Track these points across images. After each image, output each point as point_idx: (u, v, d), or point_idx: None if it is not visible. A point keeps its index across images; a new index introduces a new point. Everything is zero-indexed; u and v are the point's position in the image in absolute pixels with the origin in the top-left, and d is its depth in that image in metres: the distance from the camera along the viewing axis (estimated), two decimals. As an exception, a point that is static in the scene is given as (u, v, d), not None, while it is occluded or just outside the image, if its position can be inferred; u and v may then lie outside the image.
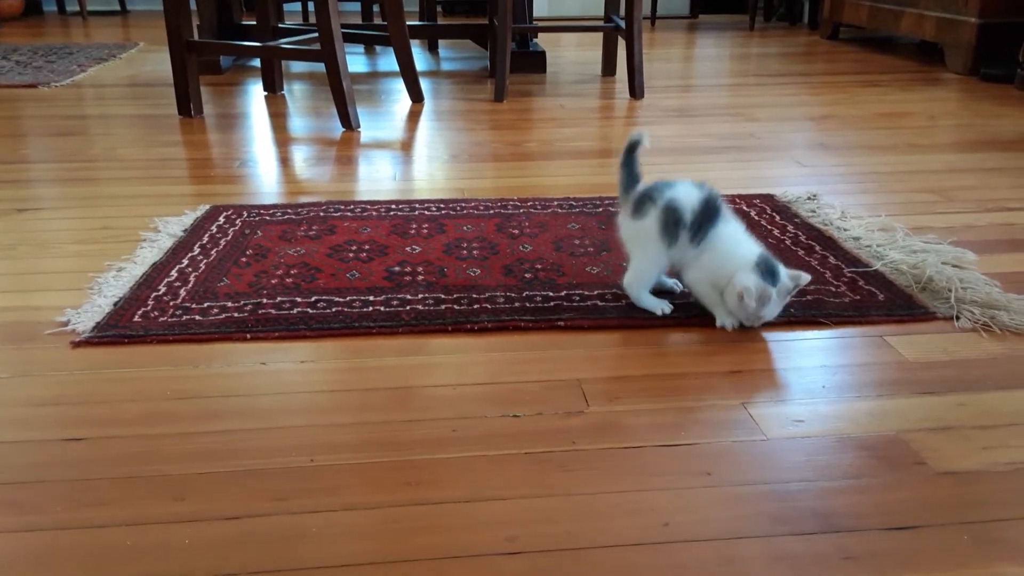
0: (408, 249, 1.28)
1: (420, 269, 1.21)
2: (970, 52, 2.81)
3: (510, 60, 2.60)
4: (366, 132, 2.12)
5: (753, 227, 1.37)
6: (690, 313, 1.07)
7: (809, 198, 1.50)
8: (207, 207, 1.48)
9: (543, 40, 3.75)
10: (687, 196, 1.04)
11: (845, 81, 2.78)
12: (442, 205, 1.50)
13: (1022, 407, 0.87)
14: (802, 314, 1.06)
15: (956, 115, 2.25)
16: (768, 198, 1.52)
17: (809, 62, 3.22)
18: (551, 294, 1.13)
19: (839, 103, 2.42)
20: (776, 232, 1.34)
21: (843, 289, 1.13)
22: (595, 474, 0.77)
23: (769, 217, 1.42)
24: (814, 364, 0.96)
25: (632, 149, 1.11)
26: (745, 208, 1.47)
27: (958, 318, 1.05)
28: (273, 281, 1.16)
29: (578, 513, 0.72)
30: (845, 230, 1.34)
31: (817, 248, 1.27)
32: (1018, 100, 2.45)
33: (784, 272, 1.00)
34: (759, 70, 3.06)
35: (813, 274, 1.17)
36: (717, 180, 1.67)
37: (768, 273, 0.98)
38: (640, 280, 1.09)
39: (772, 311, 1.00)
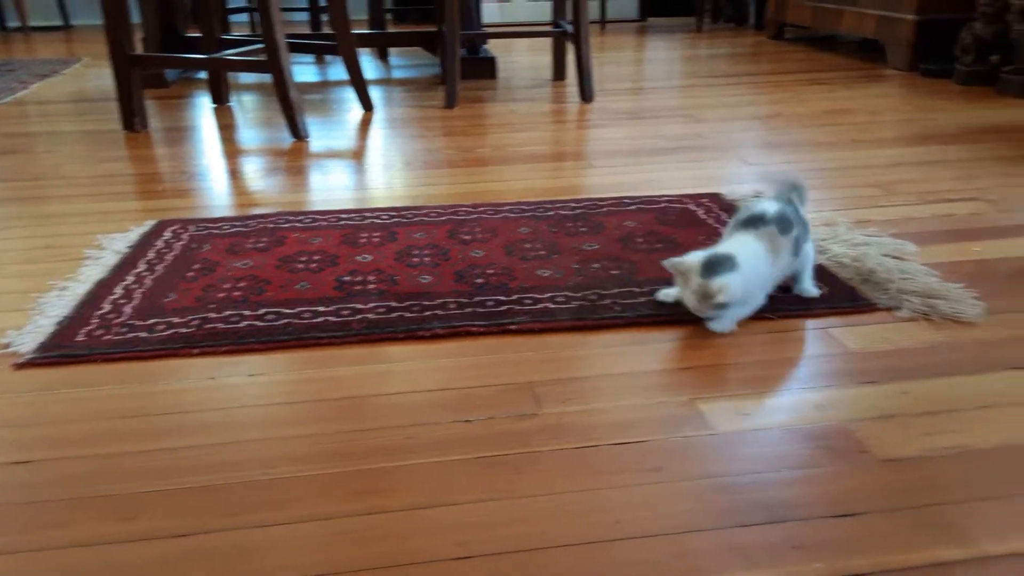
0: (359, 258, 1.28)
1: (371, 278, 1.20)
2: (909, 49, 2.89)
3: (461, 67, 2.61)
4: (316, 142, 2.10)
5: (700, 226, 1.39)
6: (639, 313, 1.08)
7: (755, 196, 1.52)
8: (153, 222, 1.45)
9: (495, 46, 3.76)
10: None
11: (790, 80, 2.84)
12: (393, 213, 1.49)
13: (961, 393, 0.89)
14: (749, 309, 1.08)
15: (897, 110, 2.32)
16: (715, 197, 1.54)
17: (756, 62, 3.28)
18: (502, 298, 1.13)
19: (785, 102, 2.47)
20: (722, 230, 1.36)
21: (788, 284, 1.15)
22: (547, 475, 0.78)
23: (716, 216, 1.44)
24: (761, 358, 0.98)
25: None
26: (693, 207, 1.49)
27: (899, 308, 1.08)
28: (220, 295, 1.14)
29: (530, 515, 0.72)
30: (790, 226, 1.36)
31: (763, 244, 1.29)
32: (957, 94, 2.52)
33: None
34: (707, 71, 3.11)
35: (760, 270, 1.19)
36: (667, 180, 1.69)
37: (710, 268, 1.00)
38: None
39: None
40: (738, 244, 1.04)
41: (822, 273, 1.18)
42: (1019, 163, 1.76)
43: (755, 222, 1.05)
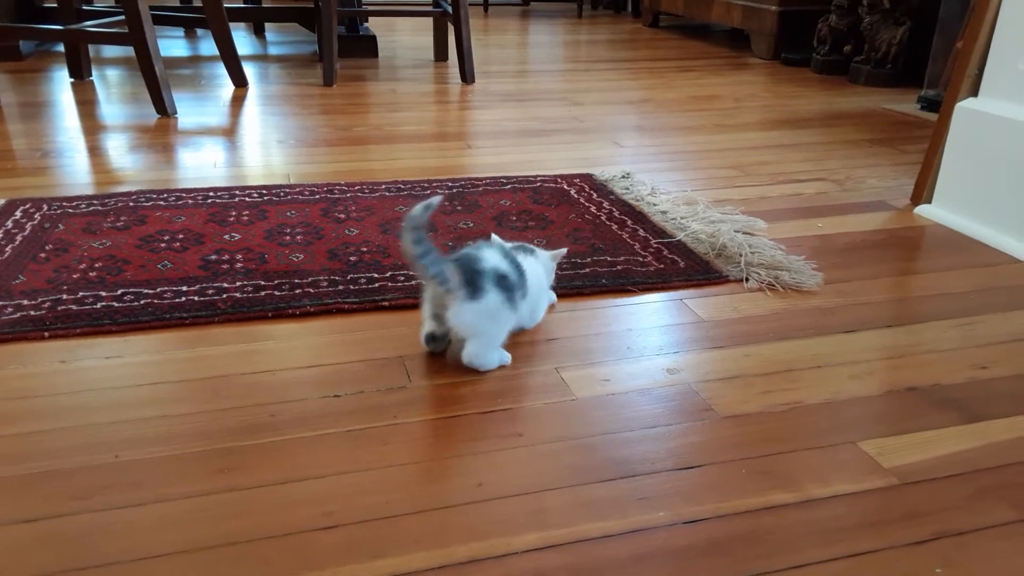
0: (226, 237, 1.25)
1: (239, 257, 1.18)
2: (772, 38, 3.06)
3: (340, 44, 2.56)
4: (185, 118, 2.02)
5: (572, 204, 1.44)
6: (510, 287, 1.11)
7: (624, 176, 1.59)
8: (2, 202, 1.36)
9: (377, 25, 3.71)
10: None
11: (663, 67, 2.95)
12: (264, 191, 1.46)
13: (796, 355, 0.97)
14: (612, 283, 1.13)
15: (759, 97, 2.45)
16: (587, 177, 1.60)
17: (632, 49, 3.38)
18: (376, 275, 1.14)
19: (656, 87, 2.57)
20: (593, 208, 1.42)
21: (649, 259, 1.21)
22: (413, 445, 0.79)
23: (587, 195, 1.49)
24: (621, 328, 1.03)
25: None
26: (566, 187, 1.53)
27: (747, 280, 1.16)
28: (75, 276, 1.09)
29: (395, 483, 0.74)
30: (654, 204, 1.43)
31: (628, 222, 1.35)
32: (814, 82, 2.69)
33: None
34: (586, 56, 3.18)
35: (624, 247, 1.25)
36: (543, 161, 1.73)
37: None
38: None
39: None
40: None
41: (681, 248, 1.25)
42: (864, 146, 1.91)
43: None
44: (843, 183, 1.63)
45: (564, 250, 1.05)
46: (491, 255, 0.92)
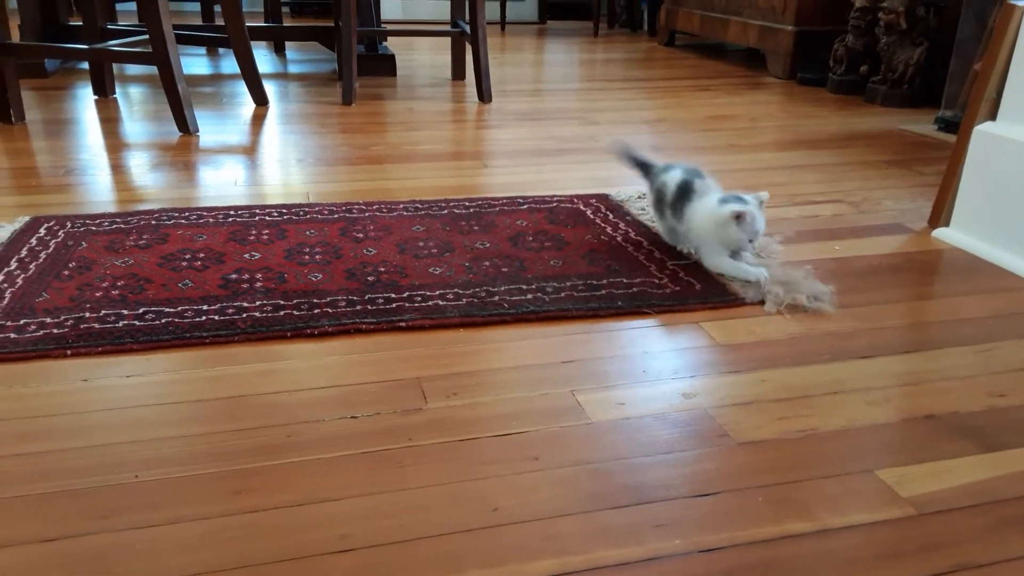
0: (247, 256, 1.26)
1: (259, 276, 1.19)
2: (788, 58, 3.06)
3: (359, 63, 2.59)
4: (206, 136, 2.05)
5: (588, 225, 1.45)
6: (526, 309, 1.12)
7: (640, 197, 1.59)
8: (27, 219, 1.39)
9: (396, 44, 3.75)
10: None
11: (679, 86, 2.96)
12: (284, 210, 1.48)
13: (813, 380, 0.97)
14: (627, 305, 1.13)
15: (774, 117, 2.45)
16: (603, 198, 1.60)
17: (648, 67, 3.40)
18: (393, 296, 1.15)
19: (672, 107, 2.58)
20: (608, 229, 1.42)
21: (665, 281, 1.21)
22: (429, 468, 0.80)
23: (603, 215, 1.50)
24: (637, 351, 1.03)
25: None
26: (582, 207, 1.54)
27: (764, 303, 1.15)
28: (97, 294, 1.11)
29: (411, 506, 0.74)
30: (670, 225, 1.43)
31: (644, 244, 1.36)
32: (830, 102, 2.69)
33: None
34: (602, 75, 3.20)
35: (640, 268, 1.25)
36: (559, 181, 1.74)
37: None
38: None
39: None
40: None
41: (698, 269, 1.25)
42: (880, 167, 1.91)
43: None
44: (859, 205, 1.62)
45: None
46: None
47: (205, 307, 1.09)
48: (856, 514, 0.74)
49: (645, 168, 1.39)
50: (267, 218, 1.43)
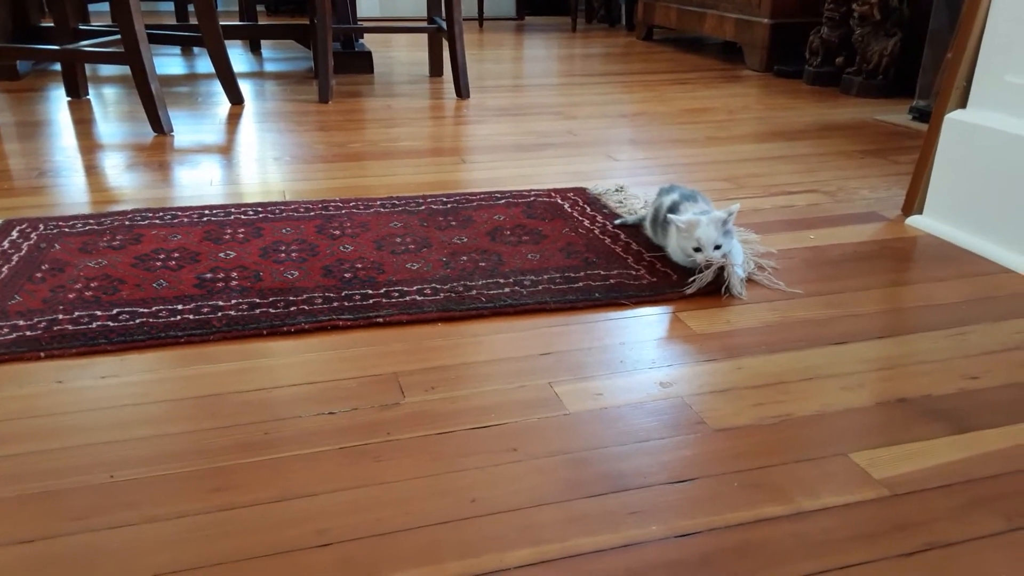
0: (222, 255, 1.26)
1: (234, 274, 1.18)
2: (764, 51, 3.08)
3: (335, 61, 2.58)
4: (181, 136, 2.03)
5: (566, 218, 1.45)
6: (504, 303, 1.12)
7: (617, 190, 1.60)
8: (-2, 222, 1.37)
9: (373, 41, 3.73)
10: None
11: (656, 80, 2.97)
12: (259, 209, 1.47)
13: (788, 367, 0.98)
14: (605, 297, 1.14)
15: (751, 109, 2.47)
16: (581, 191, 1.61)
17: (626, 62, 3.40)
18: (370, 292, 1.14)
19: (650, 100, 2.59)
20: (586, 222, 1.43)
21: (642, 272, 1.22)
22: (407, 461, 0.80)
23: (581, 209, 1.50)
24: (615, 342, 1.03)
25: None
26: (560, 201, 1.54)
27: (740, 292, 1.16)
28: (71, 295, 1.10)
29: (389, 500, 0.74)
30: (647, 217, 1.44)
31: (621, 236, 1.36)
32: (806, 93, 2.71)
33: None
34: (580, 70, 3.20)
35: (617, 260, 1.26)
36: (537, 175, 1.74)
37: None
38: None
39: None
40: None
41: (674, 261, 1.26)
42: (856, 157, 1.92)
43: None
44: (835, 195, 1.64)
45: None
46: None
47: (180, 307, 1.08)
48: (830, 496, 0.75)
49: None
50: (243, 217, 1.43)
